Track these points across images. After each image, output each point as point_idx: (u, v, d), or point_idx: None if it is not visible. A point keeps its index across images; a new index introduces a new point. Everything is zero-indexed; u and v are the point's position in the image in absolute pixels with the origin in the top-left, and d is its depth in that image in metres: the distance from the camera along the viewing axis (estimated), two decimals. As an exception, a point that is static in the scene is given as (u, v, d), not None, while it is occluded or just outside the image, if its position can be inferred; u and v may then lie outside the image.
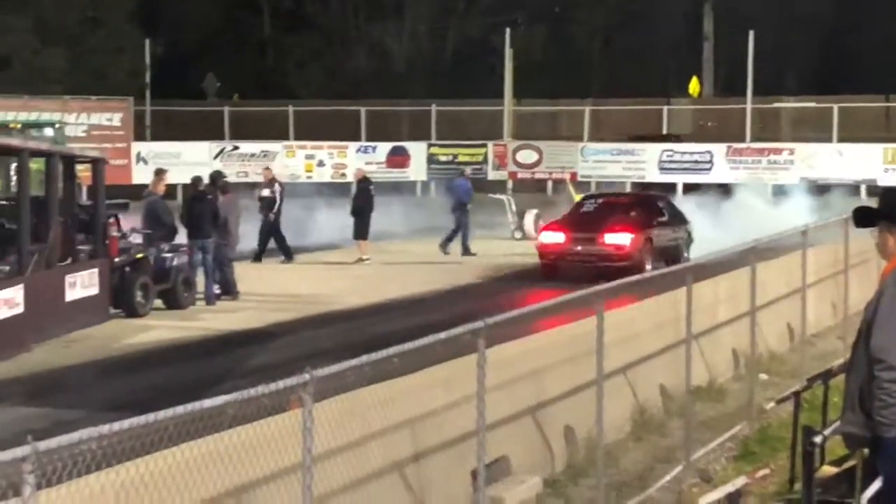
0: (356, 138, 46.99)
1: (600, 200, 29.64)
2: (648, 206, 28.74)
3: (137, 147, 45.56)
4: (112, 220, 22.66)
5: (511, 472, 11.06)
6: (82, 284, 20.52)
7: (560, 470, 11.82)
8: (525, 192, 42.44)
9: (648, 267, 25.21)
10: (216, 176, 26.05)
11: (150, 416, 6.45)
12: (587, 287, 11.11)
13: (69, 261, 20.96)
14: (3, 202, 22.50)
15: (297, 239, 30.64)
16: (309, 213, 34.88)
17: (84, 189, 29.59)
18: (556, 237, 26.83)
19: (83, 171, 25.13)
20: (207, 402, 6.85)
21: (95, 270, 21.01)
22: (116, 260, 21.84)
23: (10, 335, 17.94)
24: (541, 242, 27.27)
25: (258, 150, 46.09)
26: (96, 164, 22.90)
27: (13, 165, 32.00)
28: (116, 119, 45.63)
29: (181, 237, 23.58)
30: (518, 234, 34.75)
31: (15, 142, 23.17)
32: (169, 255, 22.74)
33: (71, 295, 20.14)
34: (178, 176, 33.38)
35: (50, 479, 5.97)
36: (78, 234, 21.48)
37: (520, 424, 11.48)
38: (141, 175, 41.96)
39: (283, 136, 47.26)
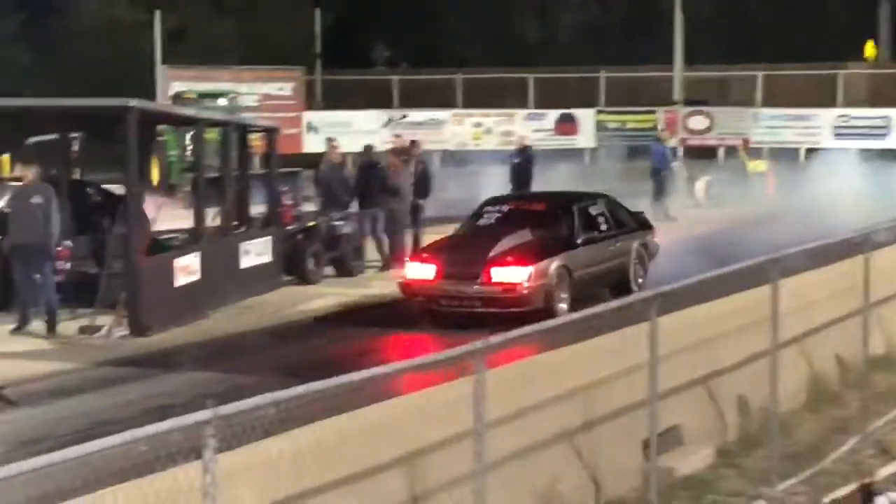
0: (524, 105, 46.92)
1: (502, 209, 19.99)
2: (572, 213, 19.40)
3: (308, 116, 46.05)
4: (285, 188, 23.01)
5: (682, 442, 10.98)
6: (256, 252, 20.87)
7: (733, 440, 11.70)
8: (696, 159, 41.89)
9: (563, 307, 17.79)
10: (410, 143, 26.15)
11: (325, 383, 6.55)
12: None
13: (243, 229, 21.34)
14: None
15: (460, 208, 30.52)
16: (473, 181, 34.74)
17: (257, 158, 30.05)
18: (424, 271, 18.32)
19: (256, 141, 25.51)
20: (379, 370, 6.93)
21: (269, 238, 21.33)
22: (289, 228, 22.16)
23: (188, 302, 18.33)
24: (405, 278, 18.63)
25: (426, 118, 46.28)
26: (269, 133, 23.24)
27: (188, 135, 32.75)
28: (288, 88, 46.19)
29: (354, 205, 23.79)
30: (689, 202, 34.37)
31: (192, 113, 23.65)
32: (340, 223, 22.98)
33: (245, 262, 20.49)
34: (348, 144, 33.67)
35: (230, 443, 6.10)
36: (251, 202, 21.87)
37: (691, 394, 11.39)
38: (312, 144, 42.45)
39: (450, 104, 47.39)
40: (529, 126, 44.71)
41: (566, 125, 46.23)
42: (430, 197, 24.86)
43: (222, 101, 38.11)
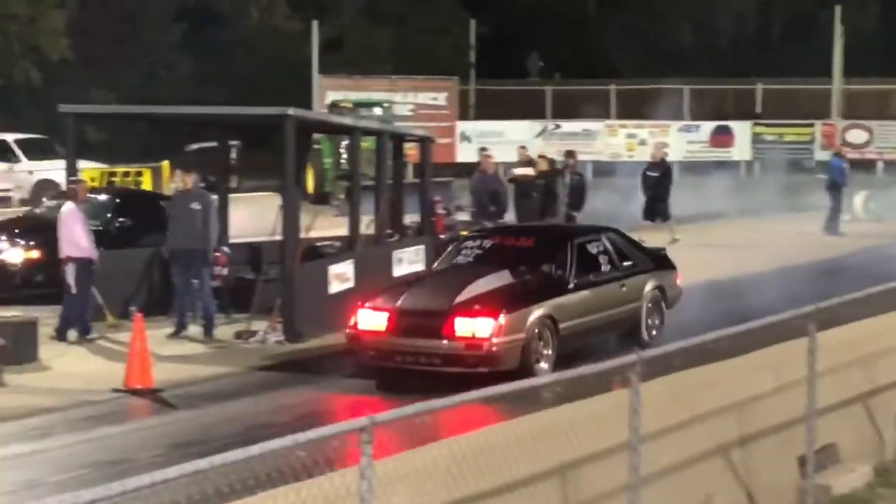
0: (678, 116, 46.55)
1: (484, 244, 17.04)
2: (565, 250, 16.28)
3: (462, 126, 46.26)
4: (438, 198, 23.14)
5: (839, 460, 10.81)
6: (409, 260, 20.99)
7: (892, 458, 11.47)
8: (854, 173, 41.16)
9: (543, 366, 14.87)
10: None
11: (479, 393, 6.58)
12: None
13: (397, 237, 21.49)
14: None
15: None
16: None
17: (410, 167, 30.25)
18: (375, 321, 15.20)
19: (410, 150, 25.67)
20: (533, 381, 6.94)
21: (421, 247, 21.46)
22: (441, 237, 22.27)
23: (342, 309, 18.49)
24: (352, 328, 15.50)
25: (580, 129, 46.16)
26: (424, 142, 23.37)
27: (343, 144, 33.09)
28: (442, 98, 46.44)
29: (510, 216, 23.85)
30: (846, 217, 33.77)
31: (348, 121, 23.90)
32: (492, 232, 23.01)
33: (398, 270, 20.62)
34: (501, 155, 33.73)
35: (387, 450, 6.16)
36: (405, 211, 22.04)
37: (849, 411, 11.19)
38: (465, 153, 42.60)
39: (604, 114, 47.21)
40: (684, 138, 44.36)
41: (722, 137, 45.74)
42: (583, 209, 24.80)
43: (377, 111, 38.46)
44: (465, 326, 14.53)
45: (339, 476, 6.07)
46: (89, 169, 29.12)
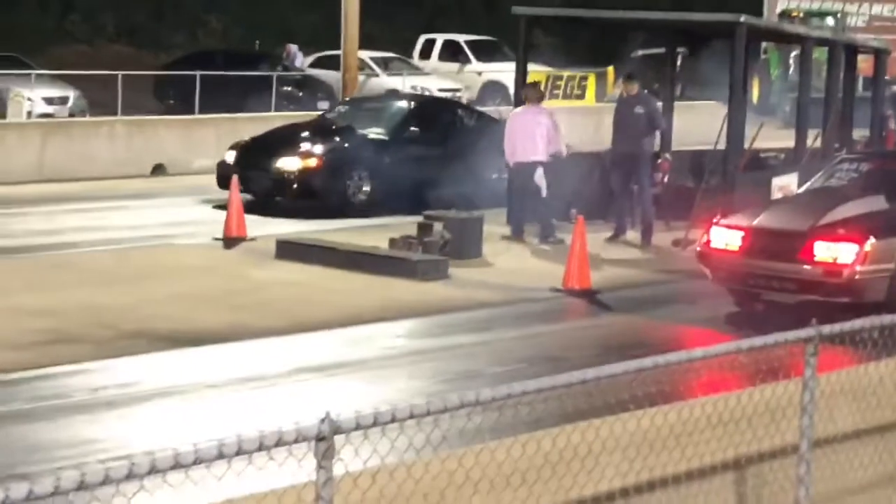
0: None
1: (861, 167, 15.50)
2: None
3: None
4: (890, 113, 22.31)
5: None
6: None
7: None
8: None
9: None
10: None
11: None
12: None
13: (844, 152, 20.87)
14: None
15: None
16: None
17: (861, 80, 29.23)
18: (729, 239, 14.06)
19: (863, 62, 24.80)
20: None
21: (870, 163, 20.75)
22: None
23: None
24: (703, 245, 14.44)
25: None
26: (879, 54, 22.53)
27: (793, 54, 32.34)
28: (899, 10, 44.55)
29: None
30: None
31: (800, 30, 23.32)
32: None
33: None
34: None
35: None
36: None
37: None
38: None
39: None
40: None
41: None
42: None
43: (830, 21, 37.32)
44: (826, 250, 13.28)
45: (781, 386, 5.98)
46: (535, 72, 29.59)
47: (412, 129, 21.02)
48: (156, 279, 14.75)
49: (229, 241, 17.14)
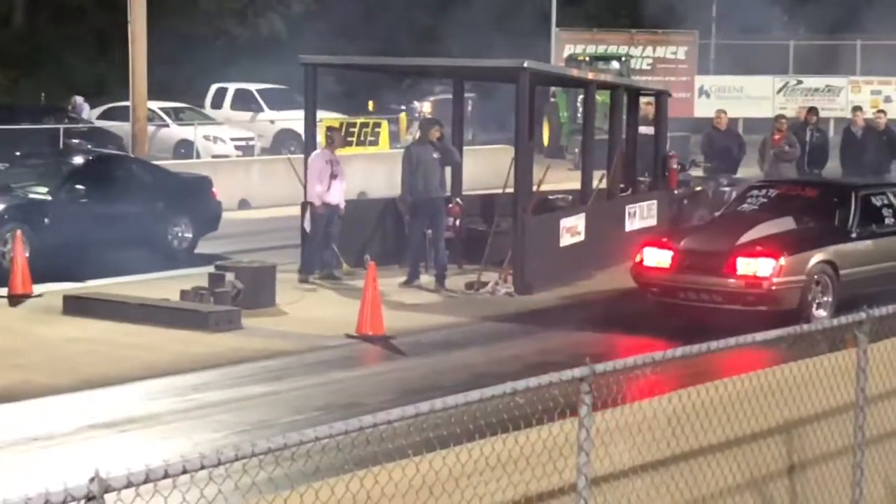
0: (928, 74, 45.06)
1: (769, 193, 17.45)
2: (849, 201, 16.62)
3: (700, 80, 45.61)
4: (672, 153, 22.90)
5: None
6: (641, 216, 20.87)
7: None
8: None
9: (821, 313, 15.39)
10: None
11: (697, 347, 6.53)
12: None
13: (629, 192, 21.37)
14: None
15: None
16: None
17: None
18: (660, 258, 16.09)
19: (646, 104, 25.44)
20: (749, 337, 6.87)
21: (654, 202, 21.30)
22: (675, 192, 22.06)
23: (573, 262, 18.53)
24: (637, 265, 16.49)
25: (822, 85, 45.06)
26: (659, 97, 23.15)
27: (580, 97, 32.99)
28: (681, 52, 45.86)
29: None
30: None
31: (583, 74, 23.82)
32: (727, 188, 22.67)
33: (630, 225, 20.53)
34: (739, 110, 33.21)
35: (605, 401, 6.17)
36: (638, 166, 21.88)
37: None
38: (703, 109, 42.03)
39: (848, 70, 45.95)
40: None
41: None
42: (825, 168, 24.14)
43: (615, 65, 38.21)
44: (747, 266, 15.25)
45: (557, 426, 6.11)
46: (329, 119, 29.69)
47: (77, 186, 19.52)
48: (-61, 340, 14.37)
49: (14, 299, 16.78)
